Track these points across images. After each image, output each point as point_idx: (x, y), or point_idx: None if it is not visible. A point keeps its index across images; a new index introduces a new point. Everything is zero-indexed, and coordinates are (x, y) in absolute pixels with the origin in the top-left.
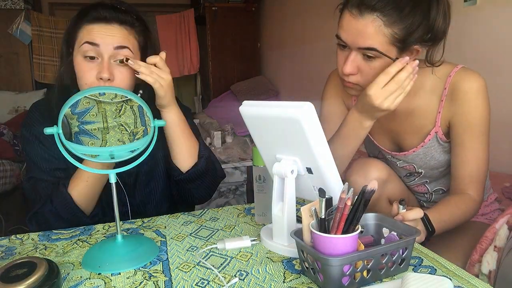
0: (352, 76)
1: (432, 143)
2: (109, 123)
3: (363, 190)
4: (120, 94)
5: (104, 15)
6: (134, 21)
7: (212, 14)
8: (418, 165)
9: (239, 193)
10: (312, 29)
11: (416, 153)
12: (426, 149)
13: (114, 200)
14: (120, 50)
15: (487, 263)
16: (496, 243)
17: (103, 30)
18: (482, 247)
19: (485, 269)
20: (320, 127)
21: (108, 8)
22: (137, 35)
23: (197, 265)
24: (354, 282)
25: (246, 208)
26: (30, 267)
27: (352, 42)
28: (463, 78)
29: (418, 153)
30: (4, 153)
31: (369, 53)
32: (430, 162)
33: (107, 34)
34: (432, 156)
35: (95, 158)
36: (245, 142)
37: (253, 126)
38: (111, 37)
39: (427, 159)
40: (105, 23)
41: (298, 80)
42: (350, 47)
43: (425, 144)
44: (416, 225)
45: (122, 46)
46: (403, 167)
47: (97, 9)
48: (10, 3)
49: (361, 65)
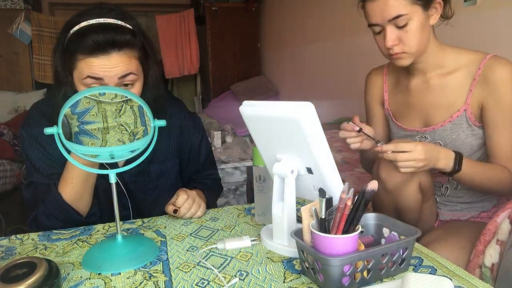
0: (396, 47)
1: (460, 120)
2: (109, 123)
3: (363, 190)
4: (120, 94)
5: (100, 44)
6: (131, 37)
7: (212, 14)
8: (444, 142)
9: (239, 193)
10: (312, 29)
11: (443, 127)
12: (453, 126)
13: (114, 200)
14: (124, 78)
15: (490, 256)
16: (499, 237)
17: (103, 63)
18: (485, 238)
19: (488, 262)
20: (320, 127)
21: (101, 31)
22: (137, 52)
23: (197, 265)
24: (354, 282)
25: (246, 208)
26: (30, 267)
27: (382, 19)
28: (496, 63)
29: (445, 128)
30: (4, 153)
31: (399, 21)
32: (455, 141)
33: (108, 67)
34: (458, 135)
35: (95, 158)
36: (245, 142)
37: (253, 126)
38: (114, 69)
39: (453, 137)
40: (104, 54)
41: (298, 80)
42: (382, 25)
43: (453, 120)
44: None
45: (126, 74)
46: None
47: (89, 37)
48: (10, 3)
49: (398, 34)
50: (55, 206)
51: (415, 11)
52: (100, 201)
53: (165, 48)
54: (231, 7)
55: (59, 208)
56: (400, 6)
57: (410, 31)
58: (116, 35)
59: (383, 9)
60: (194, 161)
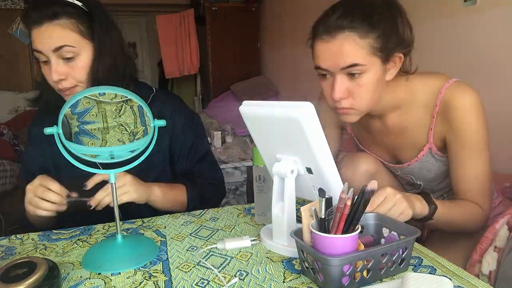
0: (344, 100)
1: (427, 157)
2: (109, 123)
3: (363, 190)
4: (120, 94)
5: (33, 18)
6: (67, 8)
7: (212, 14)
8: (416, 177)
9: (239, 193)
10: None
11: (411, 167)
12: (421, 163)
13: (114, 200)
14: (59, 50)
15: (487, 264)
16: (496, 244)
17: (38, 35)
18: (482, 248)
19: (485, 270)
20: (320, 127)
21: (35, 6)
22: (76, 25)
23: (197, 265)
24: (354, 282)
25: (246, 208)
26: (30, 267)
27: (334, 66)
28: (454, 95)
29: (414, 166)
30: (4, 153)
31: (353, 70)
32: (427, 175)
33: (41, 38)
34: (429, 169)
35: (95, 158)
36: (245, 142)
37: (253, 126)
38: (46, 40)
39: (424, 173)
40: (38, 26)
41: (298, 80)
42: (332, 72)
43: (419, 159)
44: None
45: (60, 46)
46: (403, 178)
47: (27, 12)
48: (10, 3)
49: (349, 86)
50: None
51: (373, 63)
52: None
53: (165, 48)
54: (231, 7)
55: None
56: (357, 55)
57: (363, 85)
58: (48, 5)
59: (337, 54)
60: (185, 160)
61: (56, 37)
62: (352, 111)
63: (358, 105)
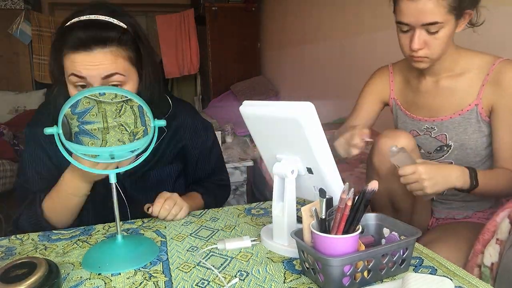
0: (421, 51)
1: (471, 114)
2: (109, 123)
3: (364, 190)
4: (120, 94)
5: (82, 40)
6: (120, 35)
7: (212, 14)
8: (450, 135)
9: (239, 193)
10: (312, 29)
11: (452, 119)
12: (462, 119)
13: (114, 200)
14: (109, 78)
15: (490, 256)
16: (498, 236)
17: (86, 60)
18: (484, 238)
19: (487, 261)
20: (320, 127)
21: (85, 28)
22: (126, 52)
23: (197, 265)
24: (355, 283)
25: (246, 208)
26: (30, 267)
27: (416, 21)
28: (506, 66)
29: (454, 120)
30: (4, 153)
31: (433, 27)
32: (462, 135)
33: (90, 64)
34: (466, 129)
35: (95, 158)
36: (245, 142)
37: (253, 126)
38: (96, 67)
39: (460, 130)
40: (86, 51)
41: (298, 80)
42: (413, 27)
43: (463, 113)
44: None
45: (111, 74)
46: (435, 137)
47: (73, 33)
48: (10, 3)
49: (427, 39)
50: (34, 219)
51: (449, 19)
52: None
53: (165, 48)
54: (231, 7)
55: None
56: (438, 14)
57: (439, 38)
58: (102, 31)
59: (420, 11)
60: (203, 165)
61: (108, 64)
62: (426, 59)
63: (431, 54)
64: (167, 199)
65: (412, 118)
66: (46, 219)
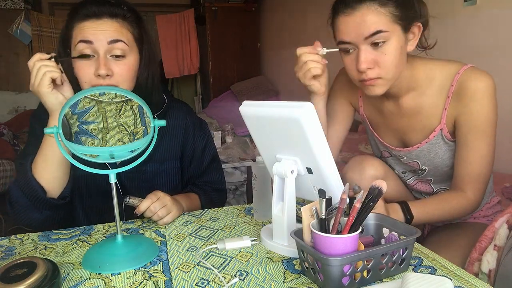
0: (371, 71)
1: (437, 140)
2: (109, 123)
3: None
4: (120, 94)
5: (93, 11)
6: (126, 12)
7: (212, 14)
8: (422, 161)
9: (239, 193)
10: (312, 29)
11: (420, 149)
12: (430, 145)
13: (114, 200)
14: (114, 44)
15: (487, 262)
16: (496, 242)
17: (94, 26)
18: (481, 246)
19: (485, 268)
20: (320, 127)
21: (97, 2)
22: (130, 27)
23: (197, 265)
24: (354, 282)
25: (246, 208)
26: (30, 267)
27: (357, 37)
28: (470, 77)
29: (423, 149)
30: (4, 153)
31: (377, 38)
32: (434, 159)
33: (98, 29)
34: (436, 153)
35: (95, 158)
36: (245, 142)
37: (253, 126)
38: (103, 32)
39: (431, 156)
40: (96, 18)
41: (298, 80)
42: (356, 44)
43: (430, 140)
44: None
45: (116, 40)
46: (407, 164)
47: (86, 6)
48: (10, 3)
49: (374, 56)
50: (24, 179)
51: (395, 30)
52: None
53: (165, 48)
54: (231, 7)
55: (26, 182)
56: (379, 22)
57: (388, 53)
58: (111, 7)
59: (359, 24)
60: (196, 164)
61: (114, 30)
62: (379, 81)
63: (384, 73)
64: (158, 200)
65: (381, 143)
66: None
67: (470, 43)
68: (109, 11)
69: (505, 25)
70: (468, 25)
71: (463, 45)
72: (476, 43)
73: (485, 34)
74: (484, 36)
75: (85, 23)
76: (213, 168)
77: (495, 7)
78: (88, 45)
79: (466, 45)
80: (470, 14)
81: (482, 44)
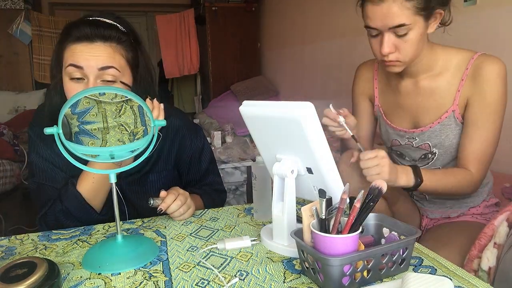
0: (391, 54)
1: (449, 121)
2: (109, 123)
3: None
4: (120, 94)
5: (86, 33)
6: (121, 35)
7: (212, 14)
8: (433, 143)
9: (239, 193)
10: (312, 29)
11: (432, 129)
12: (442, 126)
13: (114, 200)
14: (105, 70)
15: (487, 260)
16: (496, 240)
17: (86, 51)
18: (481, 243)
19: (484, 266)
20: (320, 127)
21: (91, 24)
22: (124, 51)
23: (197, 265)
24: (354, 282)
25: (246, 208)
26: (30, 267)
27: (382, 26)
28: (485, 61)
29: (435, 129)
30: (4, 153)
31: (400, 30)
32: (444, 141)
33: (90, 54)
34: (447, 135)
35: (95, 158)
36: (245, 142)
37: (253, 126)
38: (95, 57)
39: (442, 138)
40: (88, 42)
41: (298, 80)
42: (381, 31)
43: (442, 121)
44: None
45: (107, 67)
46: (418, 147)
47: (79, 27)
48: (10, 3)
49: (396, 42)
50: (74, 204)
51: (417, 21)
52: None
53: (165, 48)
54: (231, 7)
55: (78, 206)
56: (403, 16)
57: (408, 41)
58: (105, 29)
59: (385, 15)
60: (194, 169)
61: (106, 56)
62: (398, 63)
63: (403, 57)
64: (180, 196)
65: (394, 129)
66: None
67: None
68: (102, 34)
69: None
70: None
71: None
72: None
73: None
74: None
75: (77, 46)
76: (210, 171)
77: (495, 7)
78: (78, 70)
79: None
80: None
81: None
